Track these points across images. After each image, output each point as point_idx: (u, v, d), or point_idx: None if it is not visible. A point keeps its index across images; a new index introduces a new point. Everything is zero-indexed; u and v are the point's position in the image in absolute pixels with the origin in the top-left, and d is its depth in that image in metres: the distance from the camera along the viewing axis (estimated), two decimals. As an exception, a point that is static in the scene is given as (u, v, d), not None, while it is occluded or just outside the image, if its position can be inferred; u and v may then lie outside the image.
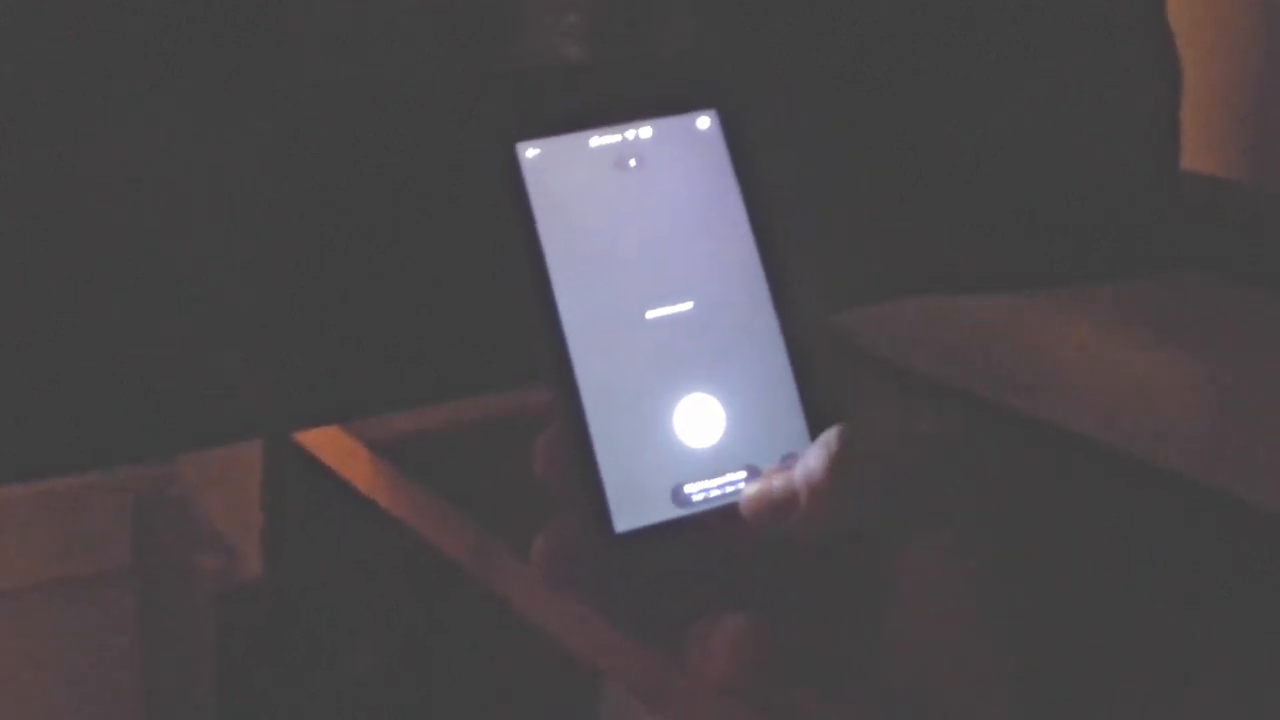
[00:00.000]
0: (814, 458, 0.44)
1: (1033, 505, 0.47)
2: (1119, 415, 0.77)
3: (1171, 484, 0.73)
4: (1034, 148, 0.82)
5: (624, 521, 0.45)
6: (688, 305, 0.47)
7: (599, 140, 0.48)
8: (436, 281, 0.65)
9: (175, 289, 0.60)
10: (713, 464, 0.46)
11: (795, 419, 0.47)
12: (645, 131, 0.48)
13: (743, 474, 0.46)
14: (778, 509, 0.45)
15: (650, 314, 0.47)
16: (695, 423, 0.46)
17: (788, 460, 0.46)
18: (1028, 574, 0.45)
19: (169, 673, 1.35)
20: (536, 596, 0.71)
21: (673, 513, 0.45)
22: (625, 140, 0.48)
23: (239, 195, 0.61)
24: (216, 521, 1.30)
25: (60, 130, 0.58)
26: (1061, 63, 0.82)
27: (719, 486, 0.46)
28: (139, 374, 0.60)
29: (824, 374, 0.48)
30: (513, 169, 0.47)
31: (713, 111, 0.49)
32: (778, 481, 0.45)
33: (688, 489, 0.46)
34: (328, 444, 0.92)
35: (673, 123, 0.48)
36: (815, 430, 0.46)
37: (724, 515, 0.46)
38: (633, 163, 0.48)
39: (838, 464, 0.44)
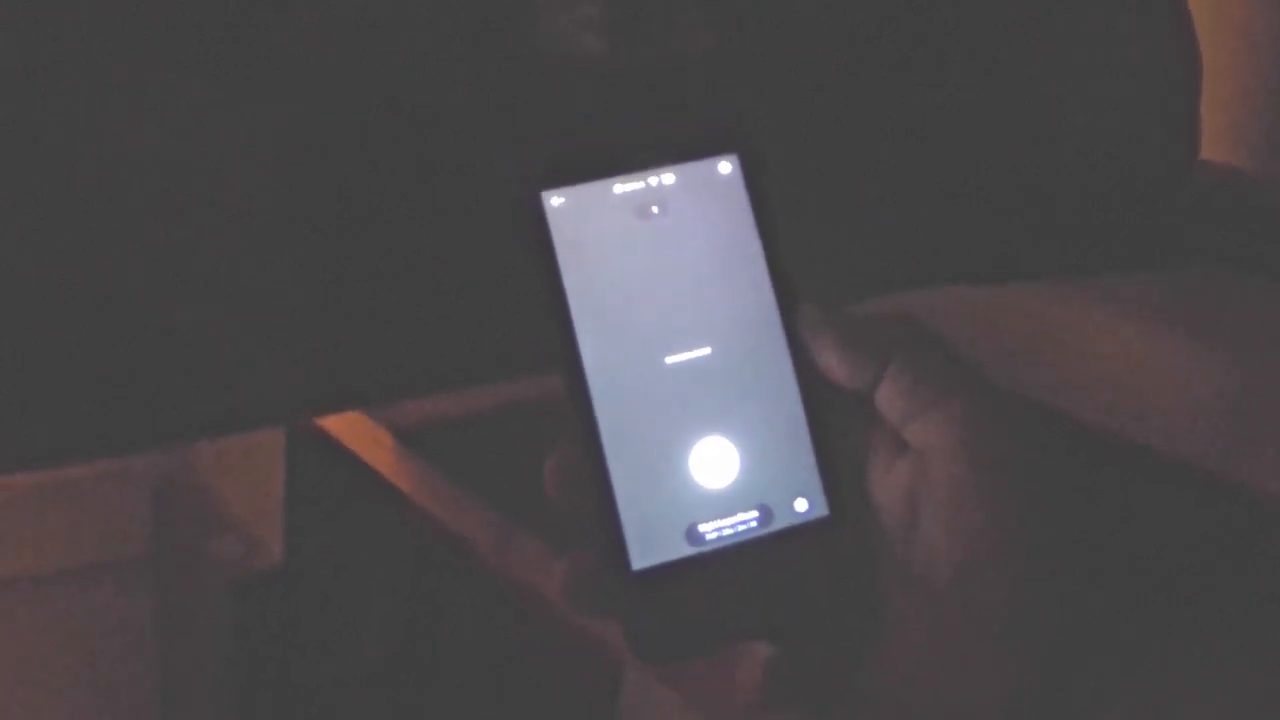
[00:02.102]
0: None
1: (1046, 495, 0.47)
2: (1134, 406, 0.77)
3: (1186, 476, 0.74)
4: (1052, 139, 0.82)
5: (641, 559, 0.46)
6: (706, 351, 0.48)
7: (622, 188, 0.48)
8: (460, 266, 0.65)
9: (195, 275, 0.60)
10: (726, 504, 0.47)
11: (807, 461, 0.48)
12: (668, 178, 0.49)
13: (755, 514, 0.48)
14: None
15: (669, 360, 0.48)
16: (710, 465, 0.48)
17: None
18: (1033, 560, 0.46)
19: (186, 660, 1.36)
20: (553, 581, 0.71)
21: (687, 551, 0.47)
22: (648, 187, 0.49)
23: (261, 181, 0.61)
24: (235, 508, 1.30)
25: (81, 117, 0.58)
26: (1080, 52, 0.82)
27: (732, 525, 0.47)
28: (159, 360, 0.60)
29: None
30: (538, 217, 0.47)
31: (734, 156, 0.50)
32: None
33: (702, 528, 0.47)
34: (350, 430, 0.92)
35: (695, 168, 0.49)
36: (826, 473, 0.48)
37: (737, 553, 0.47)
38: (655, 209, 0.49)
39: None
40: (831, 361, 0.48)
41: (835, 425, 0.48)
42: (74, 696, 1.48)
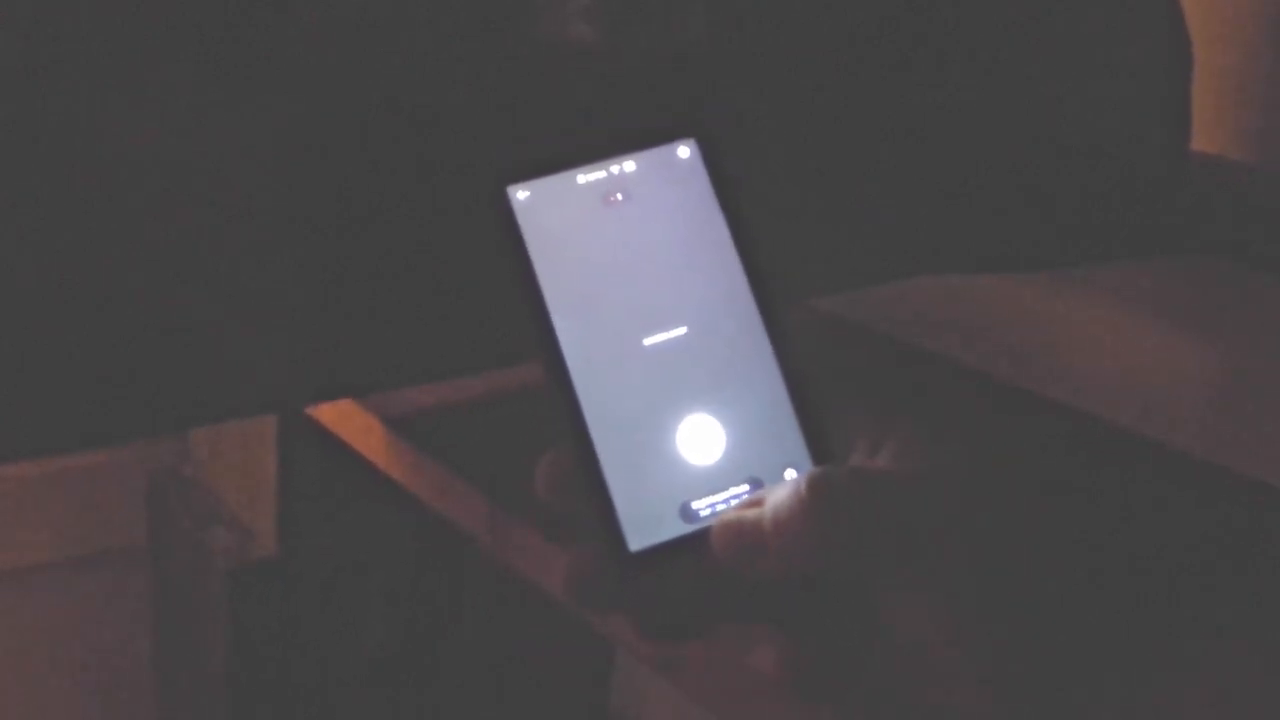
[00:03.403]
0: (784, 505, 0.46)
1: (1041, 486, 0.47)
2: (1128, 397, 0.77)
3: (1181, 466, 0.74)
4: (1045, 129, 0.82)
5: (637, 541, 0.47)
6: (682, 330, 0.49)
7: (586, 177, 0.50)
8: (453, 255, 0.65)
9: (189, 264, 0.60)
10: (717, 479, 0.48)
11: (792, 431, 0.49)
12: (629, 165, 0.50)
13: (745, 487, 0.48)
14: (748, 548, 0.46)
15: (647, 341, 0.49)
16: (697, 442, 0.48)
17: (764, 488, 0.48)
18: (1025, 571, 0.46)
19: (182, 650, 1.36)
20: (550, 569, 0.71)
21: (682, 529, 0.47)
22: (611, 175, 0.50)
23: (255, 171, 0.61)
24: (230, 499, 1.30)
25: (81, 117, 0.58)
26: (1073, 43, 0.82)
27: (724, 500, 0.48)
28: (152, 349, 0.60)
29: (820, 369, 0.49)
30: (505, 211, 0.48)
31: (692, 140, 0.51)
32: (749, 516, 0.47)
33: (695, 505, 0.48)
34: (343, 419, 0.92)
35: (655, 154, 0.50)
36: (812, 441, 0.49)
37: None
38: (620, 196, 0.50)
39: (808, 514, 0.45)
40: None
41: (816, 395, 0.49)
42: (69, 686, 1.48)
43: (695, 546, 0.47)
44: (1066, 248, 0.85)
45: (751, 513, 0.47)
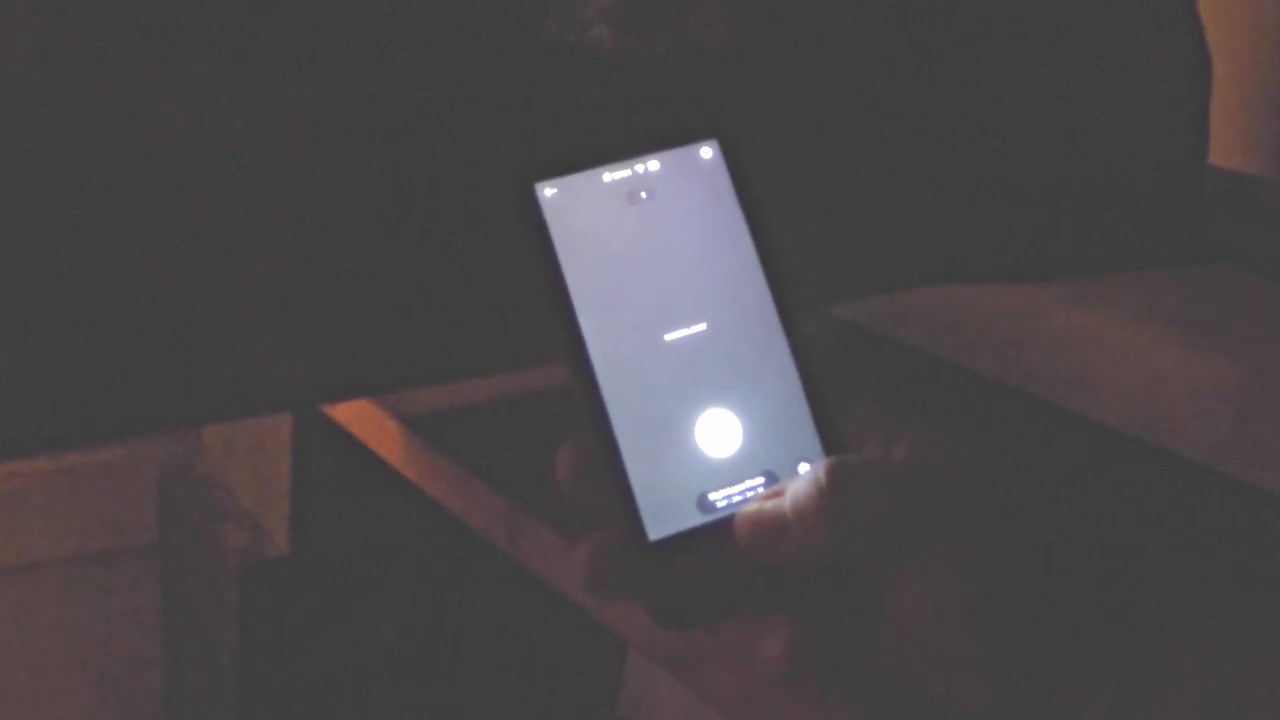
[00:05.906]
0: (804, 492, 0.48)
1: (1052, 493, 0.48)
2: (1137, 404, 0.77)
3: (1182, 469, 0.74)
4: (1063, 139, 0.82)
5: (656, 530, 0.49)
6: (702, 326, 0.50)
7: (611, 176, 0.51)
8: (471, 255, 0.65)
9: (205, 259, 0.60)
10: (733, 472, 0.50)
11: (806, 426, 0.50)
12: (654, 165, 0.51)
13: (761, 479, 0.50)
14: (770, 535, 0.48)
15: (668, 336, 0.50)
16: (715, 435, 0.50)
17: (779, 481, 0.49)
18: (1030, 569, 0.47)
19: (192, 648, 1.36)
20: (566, 570, 0.71)
21: (699, 519, 0.49)
22: (635, 174, 0.51)
23: (272, 167, 0.61)
24: (242, 497, 1.30)
25: (98, 106, 0.58)
26: (1091, 55, 0.82)
27: (740, 492, 0.50)
28: (168, 344, 0.60)
29: (835, 374, 0.50)
30: (533, 208, 0.50)
31: (714, 141, 0.52)
32: (769, 506, 0.48)
33: (711, 496, 0.49)
34: (359, 418, 0.92)
35: (678, 155, 0.52)
36: (825, 436, 0.50)
37: None
38: (644, 195, 0.51)
39: (827, 500, 0.47)
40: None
41: (830, 392, 0.51)
42: (79, 682, 1.48)
43: (712, 536, 0.49)
44: (1077, 255, 0.85)
45: (772, 502, 0.48)
